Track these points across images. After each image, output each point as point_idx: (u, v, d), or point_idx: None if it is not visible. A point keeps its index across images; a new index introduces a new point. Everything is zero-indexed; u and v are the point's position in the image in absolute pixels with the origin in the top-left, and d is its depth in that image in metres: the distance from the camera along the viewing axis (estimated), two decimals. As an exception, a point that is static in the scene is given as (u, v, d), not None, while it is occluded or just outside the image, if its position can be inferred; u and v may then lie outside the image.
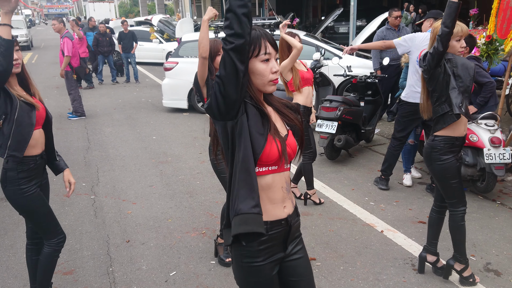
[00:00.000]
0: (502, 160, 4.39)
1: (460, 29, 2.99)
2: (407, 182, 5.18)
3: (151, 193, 5.10)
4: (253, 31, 1.70)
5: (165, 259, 3.72)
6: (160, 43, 16.65)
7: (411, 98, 4.73)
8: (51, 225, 2.85)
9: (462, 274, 3.26)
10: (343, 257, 3.68)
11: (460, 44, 3.02)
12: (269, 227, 1.79)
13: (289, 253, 1.91)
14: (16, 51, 2.61)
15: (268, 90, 1.75)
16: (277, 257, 1.86)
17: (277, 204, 1.81)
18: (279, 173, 1.80)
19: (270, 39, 1.72)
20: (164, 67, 9.13)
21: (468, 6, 8.48)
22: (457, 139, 3.11)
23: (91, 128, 8.18)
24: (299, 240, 1.96)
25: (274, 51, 1.72)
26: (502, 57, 5.34)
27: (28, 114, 2.64)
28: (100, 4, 39.79)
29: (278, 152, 1.72)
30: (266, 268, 1.82)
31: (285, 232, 1.85)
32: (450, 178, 3.12)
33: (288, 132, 1.84)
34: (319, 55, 6.79)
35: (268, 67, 1.71)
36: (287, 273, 1.93)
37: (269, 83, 1.72)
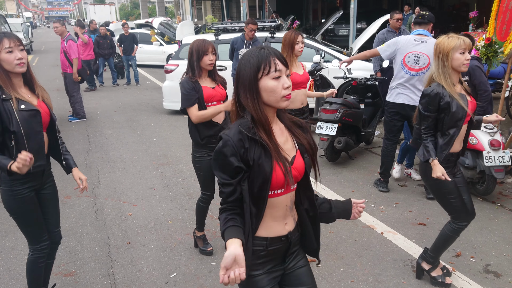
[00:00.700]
0: (501, 162, 4.40)
1: (463, 42, 2.94)
2: (396, 174, 5.34)
3: (152, 195, 5.12)
4: (262, 50, 1.74)
5: (165, 261, 3.73)
6: (161, 45, 16.71)
7: (392, 99, 4.83)
8: (36, 232, 2.80)
9: (430, 274, 3.29)
10: (343, 258, 3.69)
11: (465, 57, 2.95)
12: (268, 243, 1.83)
13: (290, 265, 1.95)
14: (21, 51, 2.57)
15: (281, 105, 1.76)
16: (276, 269, 1.90)
17: (278, 221, 1.85)
18: (285, 195, 1.83)
19: (279, 56, 1.74)
20: (164, 69, 9.16)
21: (468, 9, 8.50)
22: (452, 155, 3.10)
23: (91, 130, 8.20)
24: (300, 251, 1.99)
25: (284, 67, 1.74)
26: (501, 59, 5.36)
27: (34, 121, 2.57)
28: (101, 6, 39.91)
29: (284, 177, 1.75)
30: (263, 281, 1.86)
31: (285, 248, 1.89)
32: (447, 194, 3.10)
33: (296, 152, 1.85)
34: (319, 57, 6.82)
35: (280, 84, 1.72)
36: (290, 283, 1.96)
37: (282, 98, 1.74)
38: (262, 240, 1.82)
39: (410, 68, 4.65)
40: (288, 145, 1.83)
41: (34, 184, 2.73)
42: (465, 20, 10.09)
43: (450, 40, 2.97)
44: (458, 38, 2.97)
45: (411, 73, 4.63)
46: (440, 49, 3.00)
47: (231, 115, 1.85)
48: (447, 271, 3.33)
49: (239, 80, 1.77)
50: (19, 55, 2.54)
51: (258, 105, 1.74)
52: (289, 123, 1.88)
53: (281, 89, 1.72)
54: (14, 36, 2.59)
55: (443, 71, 3.00)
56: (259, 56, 1.73)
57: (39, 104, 2.68)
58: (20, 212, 2.72)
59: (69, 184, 5.38)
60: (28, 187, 2.69)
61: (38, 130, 2.61)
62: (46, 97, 2.76)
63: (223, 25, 9.13)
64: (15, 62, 2.53)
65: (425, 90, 3.06)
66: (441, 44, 3.00)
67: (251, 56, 1.74)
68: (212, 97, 3.42)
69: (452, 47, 2.94)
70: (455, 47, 2.94)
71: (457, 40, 2.95)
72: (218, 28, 9.03)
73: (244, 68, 1.74)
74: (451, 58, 2.96)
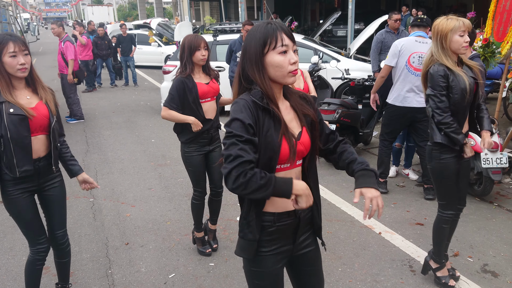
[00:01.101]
0: (499, 164, 4.40)
1: (462, 23, 2.89)
2: (391, 173, 5.43)
3: (150, 196, 5.12)
4: (269, 24, 1.72)
5: (164, 261, 3.73)
6: (159, 46, 16.70)
7: (398, 102, 4.77)
8: (31, 233, 2.79)
9: (436, 273, 3.29)
10: (341, 258, 3.69)
11: (464, 39, 2.90)
12: (276, 218, 1.81)
13: (300, 246, 1.94)
14: (25, 55, 2.55)
15: (288, 81, 1.74)
16: (283, 249, 1.88)
17: None
18: (290, 170, 1.82)
19: (286, 31, 1.72)
20: (163, 70, 9.16)
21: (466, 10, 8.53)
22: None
23: (90, 131, 8.20)
24: (311, 233, 1.99)
25: (291, 42, 1.72)
26: (499, 60, 5.38)
27: (21, 125, 2.54)
28: (99, 7, 39.89)
29: (289, 151, 1.74)
30: (270, 259, 1.85)
31: (294, 224, 1.87)
32: (446, 177, 3.10)
33: (302, 129, 1.84)
34: (317, 58, 6.83)
35: (287, 59, 1.70)
36: (298, 264, 1.97)
37: (288, 74, 1.72)
38: (270, 215, 1.81)
39: (415, 68, 4.61)
40: (294, 122, 1.82)
41: (27, 186, 2.70)
42: (463, 21, 10.16)
43: (449, 21, 2.91)
44: (457, 19, 2.91)
45: (417, 74, 4.61)
46: (438, 30, 2.94)
47: (233, 92, 1.82)
48: (453, 274, 3.30)
49: (246, 55, 1.75)
50: (22, 60, 2.53)
51: (264, 80, 1.72)
52: (295, 99, 1.86)
53: (287, 64, 1.70)
54: (20, 40, 2.55)
55: (443, 52, 2.95)
56: (265, 31, 1.70)
57: (37, 107, 2.63)
58: (13, 212, 2.72)
59: (67, 185, 5.35)
60: (20, 189, 2.66)
61: (24, 135, 2.56)
62: (49, 99, 2.72)
63: (221, 26, 9.14)
64: (17, 67, 2.53)
65: (431, 70, 2.99)
66: (439, 25, 2.94)
67: (258, 31, 1.72)
68: (206, 93, 3.44)
69: (450, 28, 2.89)
70: (454, 29, 2.88)
71: (456, 22, 2.89)
72: (216, 29, 9.04)
73: (251, 42, 1.73)
74: (449, 40, 2.91)
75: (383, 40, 7.36)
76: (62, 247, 2.98)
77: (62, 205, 2.93)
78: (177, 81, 3.38)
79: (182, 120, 3.39)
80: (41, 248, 2.83)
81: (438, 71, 2.95)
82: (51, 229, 2.91)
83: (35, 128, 2.62)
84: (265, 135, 1.69)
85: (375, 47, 7.47)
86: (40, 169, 2.72)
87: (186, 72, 3.37)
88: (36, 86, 2.70)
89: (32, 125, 2.60)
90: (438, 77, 2.94)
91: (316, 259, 2.01)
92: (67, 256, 3.05)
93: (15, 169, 2.57)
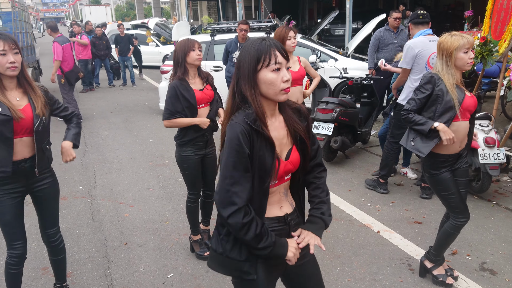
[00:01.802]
0: (496, 160, 4.42)
1: (467, 41, 2.92)
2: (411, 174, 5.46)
3: (149, 196, 5.11)
4: (263, 41, 1.72)
5: (162, 261, 3.73)
6: (157, 46, 16.68)
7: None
8: (7, 235, 2.75)
9: (432, 272, 3.29)
10: (339, 257, 3.69)
11: (469, 56, 2.95)
12: (267, 223, 1.82)
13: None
14: (15, 54, 2.53)
15: (280, 98, 1.75)
16: (277, 262, 1.88)
17: (273, 205, 1.86)
18: (279, 185, 1.85)
19: (279, 49, 1.72)
20: (161, 70, 9.15)
21: (463, 8, 8.54)
22: (450, 156, 3.10)
23: (88, 132, 8.19)
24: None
25: (284, 60, 1.73)
26: (496, 58, 5.38)
27: (4, 126, 2.51)
28: (97, 7, 39.82)
29: (278, 171, 1.78)
30: (261, 268, 1.84)
31: (285, 232, 1.88)
32: (442, 191, 3.12)
33: (292, 147, 1.85)
34: (315, 57, 6.83)
35: (279, 77, 1.71)
36: (295, 275, 1.97)
37: (281, 92, 1.73)
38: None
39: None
40: (286, 139, 1.83)
41: (14, 186, 2.67)
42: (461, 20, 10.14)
43: (454, 39, 2.94)
44: (462, 37, 2.94)
45: None
46: (443, 49, 2.98)
47: (227, 106, 1.82)
48: (451, 273, 3.29)
49: (239, 70, 1.75)
50: (11, 58, 2.50)
51: (255, 97, 1.72)
52: (290, 113, 1.86)
53: (280, 82, 1.71)
54: (10, 38, 2.53)
55: (447, 70, 3.00)
56: (260, 48, 1.71)
57: (25, 109, 2.60)
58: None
59: (65, 186, 5.37)
60: (6, 189, 2.64)
61: (7, 136, 2.53)
62: (37, 101, 2.66)
63: (219, 26, 9.13)
64: (6, 66, 2.50)
65: (424, 74, 3.12)
66: (444, 43, 2.97)
67: (252, 47, 1.73)
68: (200, 100, 3.40)
69: (456, 46, 2.92)
70: (459, 47, 2.92)
71: (460, 39, 2.92)
72: (214, 28, 9.03)
73: (245, 58, 1.73)
74: (454, 58, 2.95)
75: (381, 38, 7.38)
76: (55, 244, 2.97)
77: (54, 205, 2.92)
78: (171, 90, 3.32)
79: (188, 124, 3.36)
80: (14, 254, 2.77)
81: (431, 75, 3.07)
82: (43, 227, 2.92)
83: (20, 129, 2.59)
84: (259, 156, 1.71)
85: (373, 45, 7.48)
86: (26, 170, 2.69)
87: (182, 76, 3.32)
88: (26, 87, 2.67)
89: (18, 127, 2.57)
90: (427, 79, 3.06)
91: (314, 270, 2.00)
92: (62, 253, 3.04)
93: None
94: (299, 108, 1.92)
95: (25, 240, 2.81)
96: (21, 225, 2.78)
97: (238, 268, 1.83)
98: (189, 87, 3.33)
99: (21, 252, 2.80)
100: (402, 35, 7.27)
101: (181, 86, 3.31)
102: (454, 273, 3.30)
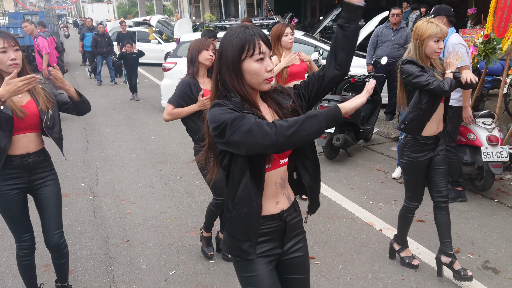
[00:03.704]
0: (499, 158, 4.40)
1: (440, 30, 2.98)
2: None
3: (150, 193, 5.11)
4: (247, 29, 1.69)
5: (164, 259, 3.72)
6: (159, 43, 16.67)
7: (458, 103, 4.46)
8: (15, 229, 2.81)
9: (400, 254, 3.50)
10: (342, 255, 3.69)
11: (438, 46, 3.01)
12: (261, 221, 1.79)
13: (288, 251, 1.91)
14: (16, 51, 2.56)
15: (263, 88, 1.74)
16: (273, 253, 1.86)
17: (269, 199, 1.81)
18: (273, 170, 1.80)
19: (263, 38, 1.70)
20: (162, 67, 9.14)
21: (466, 6, 8.49)
22: (429, 138, 3.18)
23: (90, 129, 8.19)
24: (301, 239, 1.95)
25: (268, 49, 1.71)
26: (500, 56, 5.35)
27: (5, 123, 2.54)
28: (99, 5, 39.84)
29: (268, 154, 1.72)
30: (260, 264, 1.82)
31: (280, 229, 1.85)
32: (413, 175, 3.28)
33: None
34: (317, 54, 6.80)
35: (263, 66, 1.69)
36: (284, 271, 1.94)
37: (264, 81, 1.71)
38: None
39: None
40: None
41: (17, 182, 2.70)
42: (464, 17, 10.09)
43: (428, 26, 3.00)
44: (437, 25, 2.99)
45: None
46: (417, 34, 3.05)
47: (211, 95, 1.80)
48: (465, 274, 3.19)
49: (222, 59, 1.71)
50: (12, 55, 2.54)
51: (243, 87, 1.71)
52: (271, 100, 1.84)
53: (264, 71, 1.70)
54: (9, 36, 2.57)
55: (419, 56, 3.07)
56: (243, 37, 1.67)
57: (27, 105, 2.64)
58: (0, 207, 2.73)
59: (67, 183, 5.38)
60: (9, 185, 2.68)
61: (4, 134, 2.56)
62: (40, 97, 2.70)
63: (221, 23, 9.11)
64: (8, 63, 2.54)
65: (403, 59, 3.14)
66: (419, 28, 3.04)
67: (235, 35, 1.69)
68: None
69: (428, 34, 2.99)
70: (431, 35, 2.98)
71: (434, 28, 2.98)
72: (216, 26, 9.01)
73: (227, 47, 1.69)
74: (425, 45, 3.02)
75: (379, 35, 7.37)
76: (59, 248, 2.93)
77: (57, 205, 2.90)
78: (184, 82, 3.32)
79: (189, 112, 3.30)
80: (24, 246, 2.85)
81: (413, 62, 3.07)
82: (47, 230, 2.87)
83: (24, 126, 2.63)
84: None
85: (371, 41, 7.49)
86: (29, 164, 2.71)
87: (192, 74, 3.33)
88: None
89: (22, 123, 2.60)
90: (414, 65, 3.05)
91: (303, 268, 1.97)
92: (65, 258, 3.02)
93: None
94: (280, 89, 1.88)
95: (32, 232, 2.89)
96: (27, 218, 2.84)
97: (238, 247, 1.81)
98: (199, 86, 3.32)
99: (30, 243, 2.87)
100: (402, 33, 7.21)
101: (192, 82, 3.31)
102: (468, 272, 3.21)
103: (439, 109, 3.14)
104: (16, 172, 2.68)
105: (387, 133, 7.13)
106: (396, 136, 6.88)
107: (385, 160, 6.03)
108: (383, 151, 6.38)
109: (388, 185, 5.13)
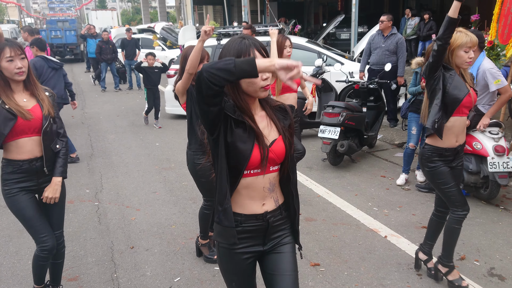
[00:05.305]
0: (506, 168, 4.38)
1: (469, 40, 2.90)
2: (399, 181, 5.34)
3: (155, 200, 5.12)
4: (243, 40, 1.81)
5: (169, 265, 3.72)
6: (163, 50, 16.73)
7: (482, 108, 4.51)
8: (33, 231, 2.86)
9: (447, 277, 3.27)
10: (347, 262, 3.68)
11: (468, 55, 2.94)
12: (243, 219, 1.90)
13: (270, 249, 1.99)
14: (22, 59, 2.67)
15: (260, 95, 1.83)
16: (253, 250, 1.95)
17: (255, 201, 1.91)
18: (263, 175, 1.88)
19: (258, 48, 1.81)
20: (167, 74, 9.18)
21: (470, 12, 8.51)
22: (446, 150, 3.10)
23: (94, 135, 8.22)
24: (285, 239, 2.02)
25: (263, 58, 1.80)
26: (504, 62, 5.37)
27: (6, 122, 2.62)
28: (103, 12, 40.04)
29: (260, 159, 1.82)
30: (240, 256, 1.93)
31: (263, 228, 1.94)
32: (441, 184, 3.12)
33: (278, 137, 1.90)
34: (321, 61, 6.84)
35: (259, 75, 1.75)
36: (267, 267, 2.01)
37: (260, 89, 1.80)
38: (237, 216, 1.89)
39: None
40: (267, 130, 1.88)
41: (27, 185, 2.80)
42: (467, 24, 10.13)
43: (458, 35, 2.93)
44: (466, 34, 2.92)
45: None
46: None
47: None
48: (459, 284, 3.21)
49: None
50: (19, 64, 2.65)
51: (238, 95, 1.81)
52: (270, 110, 1.92)
53: (259, 80, 1.77)
54: (16, 45, 2.67)
55: (449, 64, 3.01)
56: (239, 47, 1.80)
57: (33, 109, 2.74)
58: (14, 210, 2.82)
59: (72, 189, 5.39)
60: (21, 187, 2.78)
61: (2, 133, 2.65)
62: (44, 102, 2.80)
63: (225, 30, 9.15)
64: (14, 71, 2.65)
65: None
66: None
67: (232, 46, 1.82)
68: None
69: (458, 44, 2.92)
70: (461, 45, 2.92)
71: (464, 37, 2.91)
72: (220, 32, 9.05)
73: (225, 57, 1.78)
74: (455, 55, 2.96)
75: (371, 42, 7.42)
76: (58, 247, 3.04)
77: (61, 207, 3.01)
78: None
79: (197, 52, 3.15)
80: (44, 246, 2.87)
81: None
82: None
83: (29, 129, 2.73)
84: (235, 142, 1.77)
85: (365, 48, 7.56)
86: (37, 168, 2.81)
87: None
88: (33, 89, 2.80)
89: (27, 126, 2.70)
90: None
91: (286, 264, 1.98)
92: (61, 258, 3.12)
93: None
94: (282, 106, 1.97)
95: (51, 232, 2.91)
96: (42, 217, 2.88)
97: (222, 234, 1.90)
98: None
99: (50, 244, 2.88)
100: (392, 39, 7.18)
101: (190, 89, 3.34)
102: (463, 283, 3.20)
103: (460, 122, 3.07)
104: (25, 176, 2.79)
105: (391, 139, 7.12)
106: (400, 142, 6.88)
107: (389, 166, 6.03)
108: (387, 157, 6.38)
109: (392, 191, 5.12)
